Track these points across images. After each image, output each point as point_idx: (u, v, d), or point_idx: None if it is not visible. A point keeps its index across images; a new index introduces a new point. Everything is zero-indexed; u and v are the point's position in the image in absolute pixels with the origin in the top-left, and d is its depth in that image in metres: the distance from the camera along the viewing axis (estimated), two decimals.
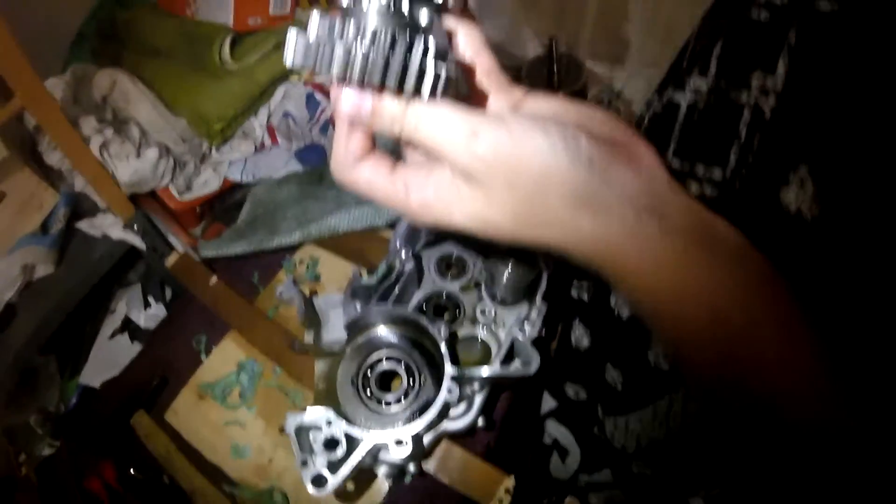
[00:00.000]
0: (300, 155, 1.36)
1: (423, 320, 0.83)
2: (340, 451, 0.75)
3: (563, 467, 0.93)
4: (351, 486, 0.85)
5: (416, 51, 0.40)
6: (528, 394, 0.97)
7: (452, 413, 0.83)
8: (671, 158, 0.72)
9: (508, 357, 0.83)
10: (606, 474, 0.89)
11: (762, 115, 0.62)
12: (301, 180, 1.30)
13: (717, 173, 0.67)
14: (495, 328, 0.90)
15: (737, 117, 0.64)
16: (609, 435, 0.83)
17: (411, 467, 0.82)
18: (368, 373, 0.86)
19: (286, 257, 1.16)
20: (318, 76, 1.35)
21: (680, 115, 0.71)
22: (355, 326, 0.87)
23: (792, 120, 0.59)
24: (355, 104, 0.44)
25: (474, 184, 0.42)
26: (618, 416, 0.82)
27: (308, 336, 0.90)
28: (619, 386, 0.81)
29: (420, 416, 0.79)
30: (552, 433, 0.95)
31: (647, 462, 0.81)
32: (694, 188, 0.69)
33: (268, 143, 1.36)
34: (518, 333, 0.83)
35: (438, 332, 0.81)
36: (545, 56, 1.15)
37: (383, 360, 0.87)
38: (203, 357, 1.08)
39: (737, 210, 0.60)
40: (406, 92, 0.41)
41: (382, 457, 0.79)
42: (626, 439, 0.79)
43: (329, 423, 0.76)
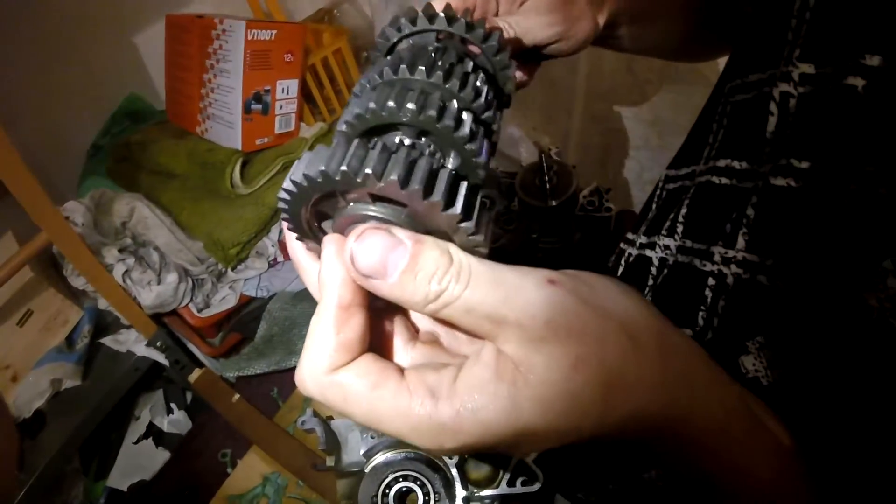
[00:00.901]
0: None
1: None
2: None
3: None
4: None
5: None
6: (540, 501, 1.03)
7: None
8: None
9: (515, 474, 0.90)
10: None
11: (725, 280, 0.62)
12: (311, 298, 1.38)
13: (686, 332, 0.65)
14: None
15: (703, 282, 0.64)
16: None
17: None
18: (387, 492, 0.94)
19: None
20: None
21: (652, 271, 0.74)
22: (373, 451, 0.95)
23: (751, 291, 0.59)
24: (381, 254, 0.32)
25: (560, 356, 0.31)
26: None
27: (330, 460, 0.97)
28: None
29: None
30: None
31: None
32: None
33: (280, 258, 1.42)
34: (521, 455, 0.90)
35: (449, 458, 0.89)
36: (537, 166, 1.22)
37: (400, 480, 0.94)
38: (229, 469, 1.15)
39: None
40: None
41: None
42: None
43: None
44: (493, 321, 0.32)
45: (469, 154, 0.34)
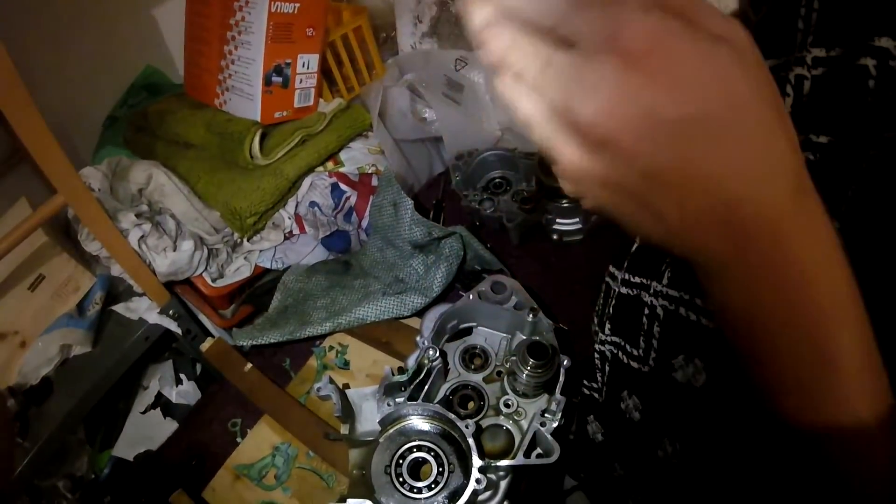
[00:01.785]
0: (326, 242, 1.43)
1: (452, 416, 0.90)
2: None
3: None
4: None
5: None
6: (550, 478, 1.03)
7: (480, 498, 0.89)
8: (610, 335, 0.86)
9: (531, 447, 0.90)
10: None
11: (656, 311, 0.73)
12: (328, 269, 1.38)
13: (635, 352, 0.79)
14: (518, 418, 0.96)
15: (641, 310, 0.76)
16: None
17: None
18: (401, 462, 0.93)
19: (317, 344, 1.23)
20: None
21: (611, 299, 0.87)
22: (388, 420, 0.94)
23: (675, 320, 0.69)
24: None
25: None
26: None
27: (344, 428, 0.97)
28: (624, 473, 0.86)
29: (449, 503, 0.85)
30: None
31: None
32: (626, 359, 0.81)
33: (296, 231, 1.41)
34: (539, 426, 0.89)
35: (466, 427, 0.88)
36: None
37: (414, 450, 0.94)
38: (239, 439, 1.14)
39: (656, 381, 0.74)
40: None
41: None
42: None
43: None
44: None
45: None
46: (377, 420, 0.93)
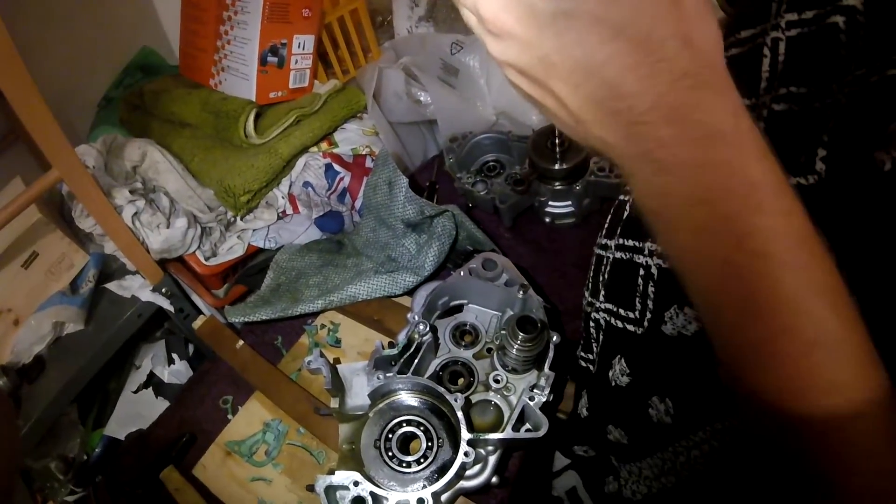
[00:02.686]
0: (319, 222, 1.43)
1: (441, 390, 0.90)
2: None
3: None
4: None
5: None
6: (539, 453, 1.03)
7: (468, 472, 0.90)
8: (604, 302, 0.88)
9: (520, 421, 0.90)
10: None
11: (650, 271, 0.77)
12: (321, 248, 1.38)
13: (630, 314, 0.82)
14: (507, 394, 0.97)
15: (636, 271, 0.80)
16: (623, 481, 0.87)
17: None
18: (390, 436, 0.94)
19: (309, 322, 1.23)
20: None
21: (604, 267, 0.89)
22: (378, 394, 0.95)
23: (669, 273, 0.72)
24: None
25: None
26: (632, 464, 0.85)
27: (334, 402, 0.97)
28: (625, 441, 0.84)
29: (439, 477, 0.86)
30: (565, 484, 1.01)
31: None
32: (620, 323, 0.84)
33: (289, 211, 1.41)
34: (528, 400, 0.90)
35: (455, 401, 0.89)
36: (549, 128, 1.22)
37: (404, 425, 0.94)
38: (230, 416, 1.14)
39: (649, 341, 0.77)
40: None
41: None
42: (638, 486, 0.83)
43: (356, 483, 0.84)
44: None
45: None
46: (367, 394, 0.94)
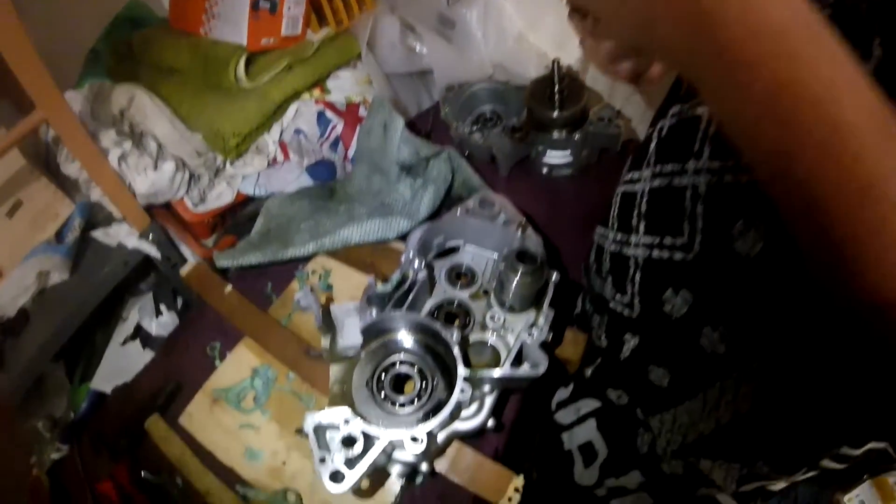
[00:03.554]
0: (311, 170, 1.40)
1: (437, 325, 0.87)
2: (357, 448, 0.79)
3: (587, 472, 0.96)
4: (366, 483, 0.89)
5: None
6: (538, 397, 1.01)
7: (464, 414, 0.87)
8: (643, 236, 0.83)
9: (517, 360, 0.87)
10: (635, 477, 0.91)
11: (698, 190, 0.71)
12: (312, 195, 1.35)
13: (678, 241, 0.76)
14: (504, 333, 0.94)
15: (681, 195, 0.74)
16: (657, 431, 0.85)
17: (423, 466, 0.86)
18: (383, 376, 0.91)
19: (299, 268, 1.19)
20: None
21: (639, 199, 0.84)
22: (371, 331, 0.91)
23: (722, 190, 0.68)
24: None
25: None
26: (664, 413, 0.82)
27: (324, 341, 0.94)
28: (666, 382, 0.82)
29: (433, 416, 0.83)
30: (582, 436, 0.98)
31: (688, 458, 0.82)
32: (667, 254, 0.78)
33: (280, 158, 1.38)
34: (527, 338, 0.87)
35: (451, 336, 0.86)
36: (548, 77, 1.19)
37: (397, 364, 0.91)
38: (217, 363, 1.10)
39: (701, 265, 0.72)
40: None
41: (396, 456, 0.83)
42: (672, 435, 0.81)
43: (346, 421, 0.80)
44: None
45: None
46: (359, 329, 0.90)
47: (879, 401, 0.56)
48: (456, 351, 0.84)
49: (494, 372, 0.84)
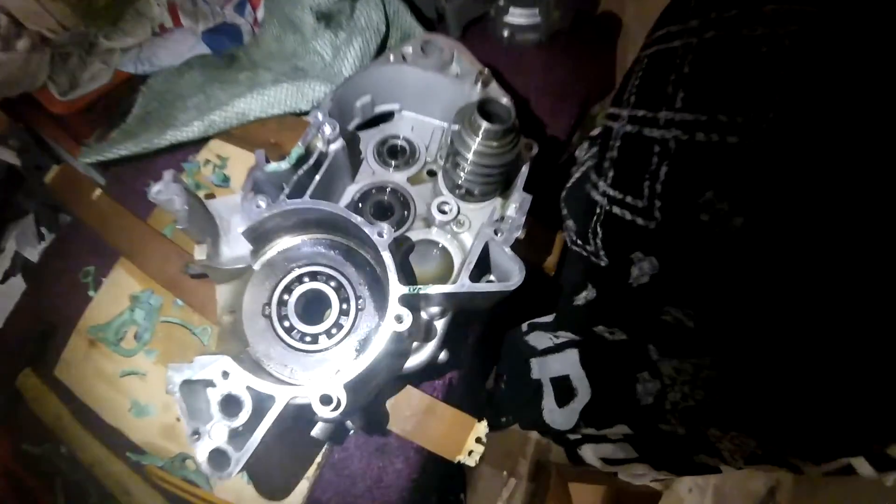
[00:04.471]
0: (208, 38, 1.14)
1: (356, 219, 0.58)
2: (244, 414, 0.54)
3: (561, 413, 0.77)
4: None
5: None
6: (508, 318, 0.77)
7: (405, 346, 0.61)
8: (609, 189, 0.75)
9: (480, 270, 0.60)
10: (621, 430, 0.77)
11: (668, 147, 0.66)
12: (206, 63, 1.08)
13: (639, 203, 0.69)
14: (459, 230, 0.68)
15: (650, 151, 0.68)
16: (669, 381, 0.71)
17: (350, 423, 0.63)
18: (285, 297, 0.63)
19: (189, 159, 0.94)
20: None
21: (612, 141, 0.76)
22: (262, 234, 0.63)
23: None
24: None
25: None
26: (684, 359, 0.70)
27: (199, 251, 0.66)
28: (691, 322, 0.68)
29: (358, 356, 0.56)
30: (557, 367, 0.81)
31: (701, 424, 0.71)
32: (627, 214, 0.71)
33: (168, 24, 1.14)
34: (492, 235, 0.59)
35: (380, 234, 0.57)
36: None
37: (305, 280, 0.63)
38: (91, 293, 0.91)
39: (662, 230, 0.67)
40: None
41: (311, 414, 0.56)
42: (692, 389, 0.69)
43: (226, 375, 0.55)
44: None
45: None
46: (242, 231, 0.61)
47: None
48: (387, 259, 0.56)
49: (445, 288, 0.56)
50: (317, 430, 0.61)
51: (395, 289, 0.56)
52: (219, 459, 0.53)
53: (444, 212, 0.68)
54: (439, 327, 0.63)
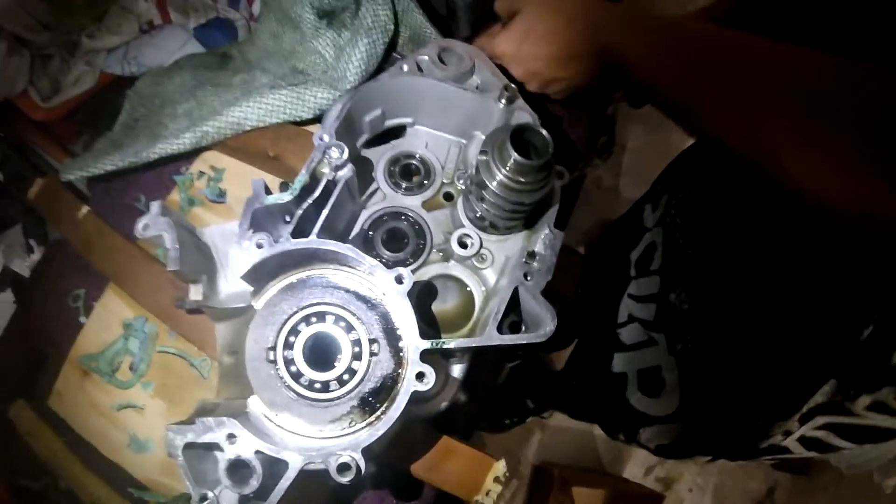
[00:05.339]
0: (200, 34, 1.09)
1: (369, 261, 0.53)
2: (254, 482, 0.50)
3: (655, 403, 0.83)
4: None
5: None
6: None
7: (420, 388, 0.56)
8: None
9: (510, 318, 0.55)
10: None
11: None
12: (197, 64, 1.02)
13: None
14: (481, 266, 0.62)
15: None
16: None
17: (362, 464, 0.57)
18: (292, 340, 0.57)
19: (181, 171, 0.89)
20: None
21: None
22: (262, 273, 0.57)
23: None
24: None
25: None
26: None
27: (195, 292, 0.60)
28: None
29: (373, 411, 0.51)
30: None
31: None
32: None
33: (157, 21, 1.10)
34: (521, 280, 0.53)
35: (398, 281, 0.51)
36: None
37: (312, 321, 0.57)
38: (82, 318, 0.86)
39: None
40: None
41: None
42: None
43: (232, 439, 0.50)
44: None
45: None
46: (241, 276, 0.55)
47: None
48: (407, 310, 0.50)
49: (472, 341, 0.50)
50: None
51: (415, 343, 0.51)
52: None
53: (464, 245, 0.62)
54: (457, 371, 0.58)
